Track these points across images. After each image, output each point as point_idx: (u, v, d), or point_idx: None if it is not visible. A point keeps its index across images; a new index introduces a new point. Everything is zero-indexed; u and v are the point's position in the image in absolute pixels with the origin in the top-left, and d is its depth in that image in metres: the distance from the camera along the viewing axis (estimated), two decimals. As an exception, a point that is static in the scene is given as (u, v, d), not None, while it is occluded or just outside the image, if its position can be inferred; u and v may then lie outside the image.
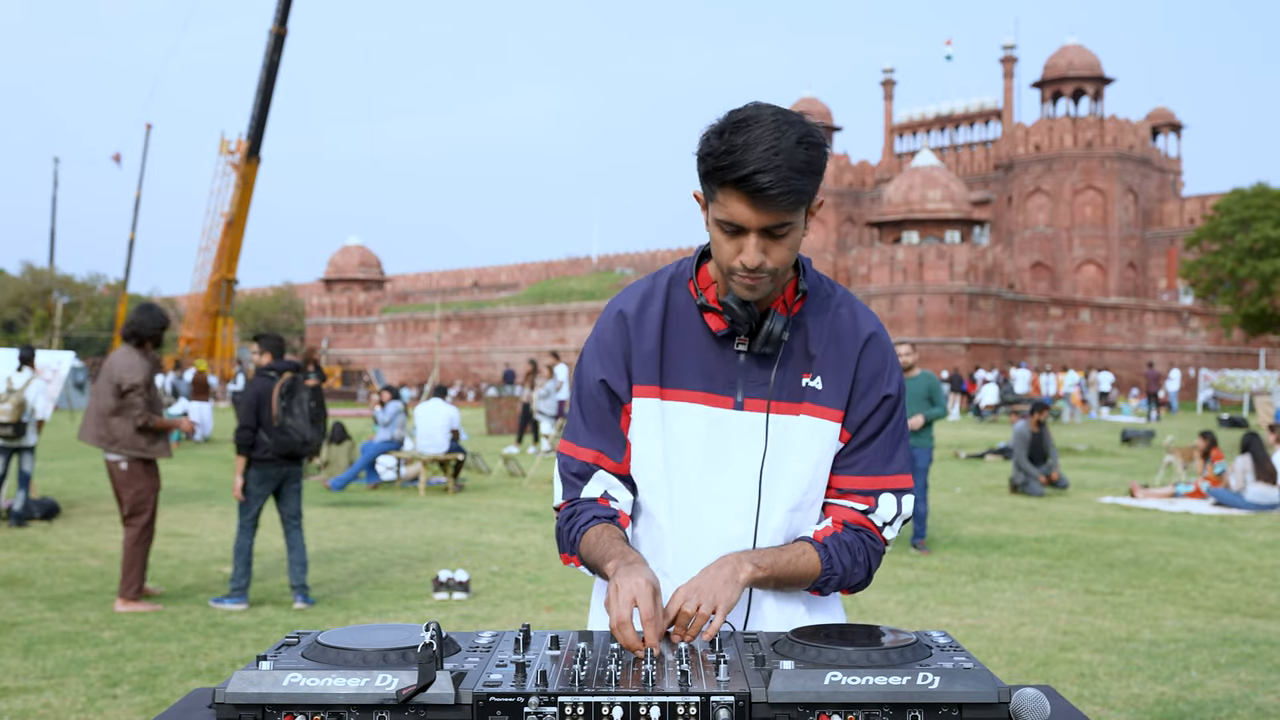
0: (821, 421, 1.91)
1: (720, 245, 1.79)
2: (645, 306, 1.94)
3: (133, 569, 7.44)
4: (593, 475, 1.96)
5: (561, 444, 2.01)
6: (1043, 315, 54.51)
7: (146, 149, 66.21)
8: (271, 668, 1.48)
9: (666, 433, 1.91)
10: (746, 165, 1.69)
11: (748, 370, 1.90)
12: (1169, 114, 73.50)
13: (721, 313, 1.88)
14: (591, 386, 1.95)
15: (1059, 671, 5.89)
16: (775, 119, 1.72)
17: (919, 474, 10.14)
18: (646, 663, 1.52)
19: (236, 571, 7.52)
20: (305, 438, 7.61)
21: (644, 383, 1.91)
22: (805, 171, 1.72)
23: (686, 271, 1.96)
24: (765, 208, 1.71)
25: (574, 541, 1.93)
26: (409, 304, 75.03)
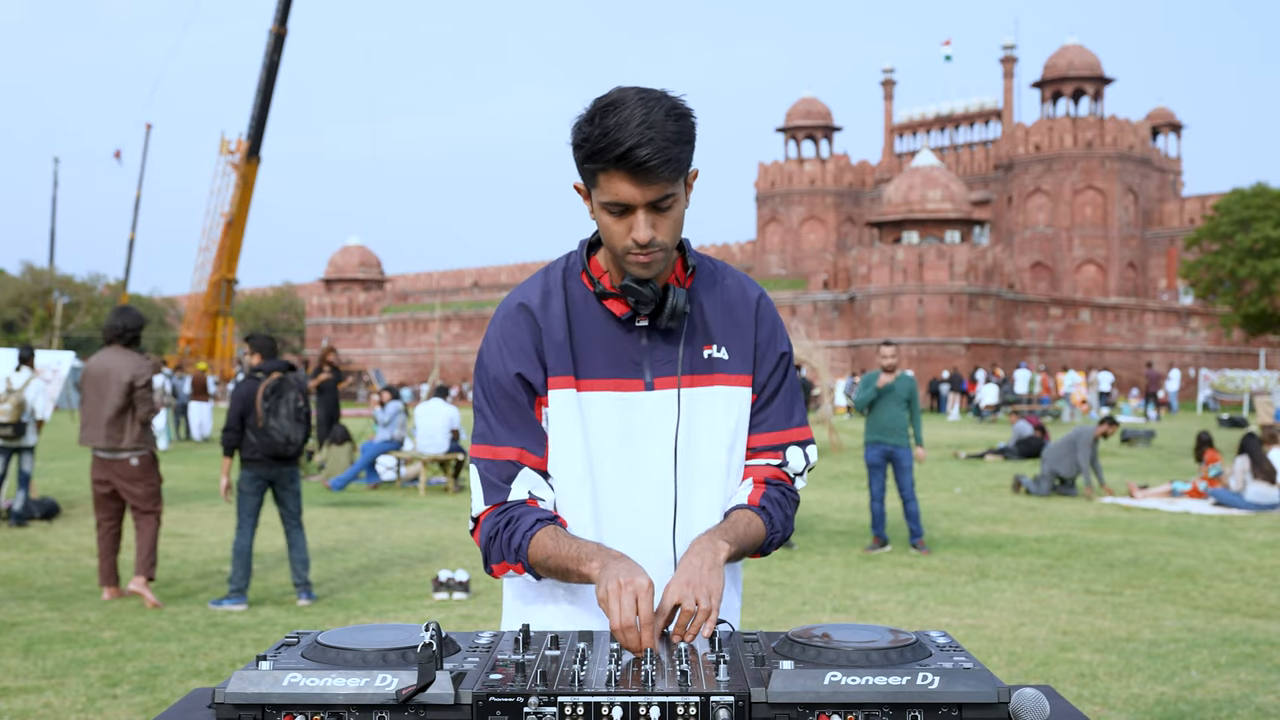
0: (734, 389, 1.97)
1: (609, 229, 1.83)
2: (547, 300, 1.94)
3: (153, 551, 7.63)
4: (517, 475, 1.91)
5: (474, 449, 1.96)
6: (1043, 315, 54.50)
7: (146, 149, 66.29)
8: (271, 668, 1.48)
9: (585, 423, 1.91)
10: (623, 143, 1.74)
11: (652, 350, 1.93)
12: (1169, 114, 73.46)
13: (622, 297, 1.91)
14: (505, 382, 1.92)
15: (1059, 671, 5.89)
16: (640, 97, 1.77)
17: (904, 473, 10.15)
18: (646, 663, 1.52)
19: (235, 573, 7.54)
20: (288, 438, 7.60)
21: (559, 373, 1.91)
22: (678, 140, 1.77)
23: (576, 264, 1.98)
24: (648, 181, 1.76)
25: (519, 547, 1.86)
26: (409, 304, 75.01)
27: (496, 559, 1.92)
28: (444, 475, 15.52)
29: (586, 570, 1.78)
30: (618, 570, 1.71)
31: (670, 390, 1.93)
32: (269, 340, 8.04)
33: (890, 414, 10.14)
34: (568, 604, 1.97)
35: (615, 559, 1.76)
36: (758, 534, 1.95)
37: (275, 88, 50.43)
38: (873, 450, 10.27)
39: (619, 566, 1.73)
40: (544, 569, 1.87)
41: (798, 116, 72.63)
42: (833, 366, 35.12)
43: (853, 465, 18.87)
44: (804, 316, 52.15)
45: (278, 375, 7.73)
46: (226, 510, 12.60)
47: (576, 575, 1.81)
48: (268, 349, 7.92)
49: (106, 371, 7.63)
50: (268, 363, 7.82)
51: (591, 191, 1.84)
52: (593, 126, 1.77)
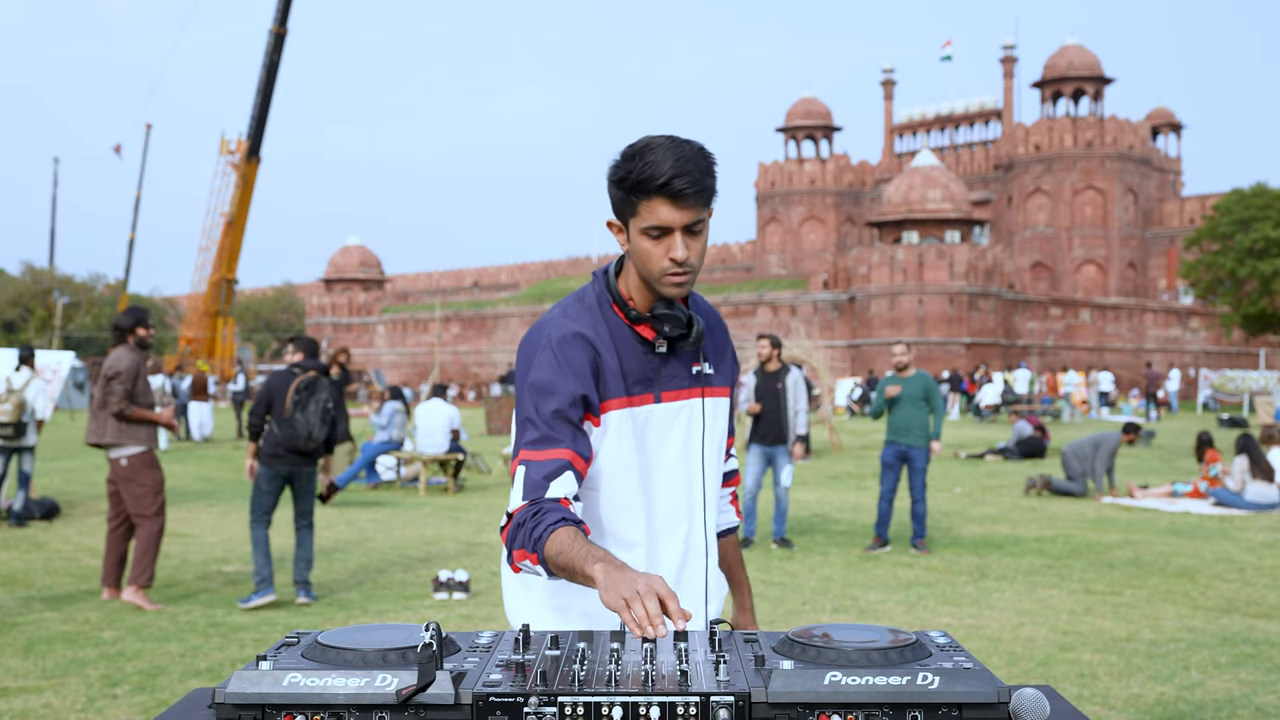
0: (722, 400, 2.31)
1: (649, 252, 2.07)
2: (597, 329, 2.15)
3: (146, 555, 7.53)
4: (560, 476, 2.02)
5: (524, 453, 2.06)
6: (1043, 315, 54.51)
7: (146, 149, 66.27)
8: (271, 668, 1.48)
9: (638, 439, 2.15)
10: (665, 173, 2.01)
11: (662, 367, 2.19)
12: (1169, 114, 73.46)
13: (648, 322, 2.16)
14: (564, 401, 2.07)
15: (1059, 671, 5.89)
16: (672, 139, 2.06)
17: (918, 474, 10.15)
18: (646, 662, 1.52)
19: (257, 564, 7.55)
20: (311, 434, 7.60)
21: (615, 395, 2.13)
22: (708, 173, 2.05)
23: (604, 295, 2.20)
24: (685, 205, 2.02)
25: (539, 539, 1.94)
26: (409, 304, 75.01)
27: (518, 546, 1.99)
28: (444, 475, 15.51)
29: (589, 572, 1.81)
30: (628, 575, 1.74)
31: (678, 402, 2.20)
32: (313, 342, 8.10)
33: (906, 414, 10.16)
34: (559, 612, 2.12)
35: (619, 568, 1.79)
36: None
37: (275, 88, 50.45)
38: (888, 449, 10.28)
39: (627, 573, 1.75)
40: (555, 565, 1.91)
41: (798, 116, 72.62)
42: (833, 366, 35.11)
43: (853, 465, 18.88)
44: (804, 316, 52.15)
45: (314, 374, 7.77)
46: (227, 510, 12.60)
47: (581, 576, 1.85)
48: (310, 349, 7.99)
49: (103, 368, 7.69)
50: (306, 361, 7.86)
51: (629, 221, 2.08)
52: (633, 164, 2.03)
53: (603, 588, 1.74)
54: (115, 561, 7.76)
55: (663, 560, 2.19)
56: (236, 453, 21.32)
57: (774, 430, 10.32)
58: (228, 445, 23.49)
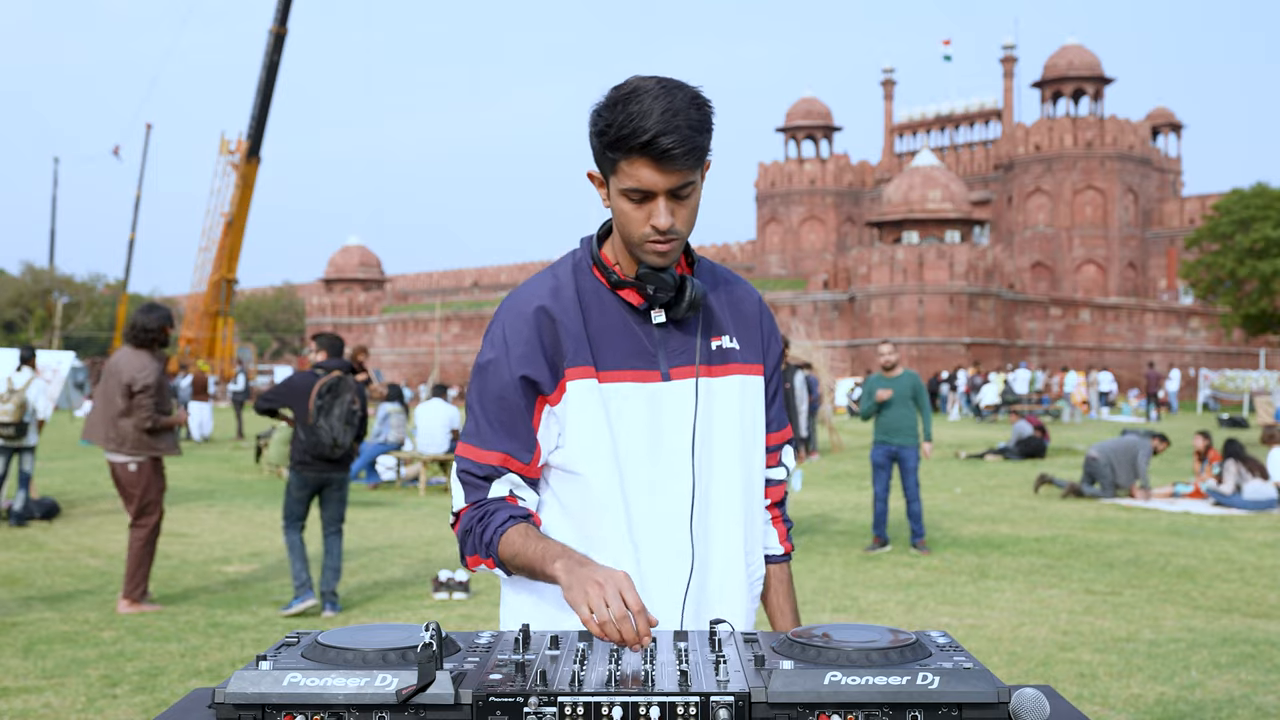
0: (751, 378, 2.01)
1: (628, 216, 1.83)
2: (558, 296, 1.92)
3: (139, 570, 7.41)
4: (498, 477, 1.91)
5: (460, 448, 1.94)
6: (1043, 315, 54.52)
7: (146, 149, 66.28)
8: (271, 668, 1.48)
9: (609, 413, 1.90)
10: (648, 130, 1.74)
11: (666, 340, 1.93)
12: (1169, 114, 73.47)
13: (636, 287, 1.90)
14: (503, 384, 1.89)
15: (1059, 671, 5.89)
16: (662, 86, 1.78)
17: (909, 474, 10.14)
18: (646, 662, 1.52)
19: (295, 569, 7.38)
20: (336, 440, 7.35)
21: (578, 364, 1.89)
22: (700, 129, 1.78)
23: (585, 258, 1.97)
24: (670, 168, 1.76)
25: (490, 543, 1.86)
26: (409, 304, 75.02)
27: (470, 552, 1.92)
28: (444, 475, 15.51)
29: (550, 571, 1.76)
30: (590, 572, 1.68)
31: (687, 380, 1.93)
32: (336, 339, 7.79)
33: (895, 414, 10.14)
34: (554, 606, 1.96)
35: (580, 563, 1.73)
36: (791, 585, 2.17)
37: (275, 88, 50.43)
38: (878, 450, 10.27)
39: (588, 569, 1.69)
40: (513, 566, 1.86)
41: (798, 116, 72.63)
42: (833, 366, 35.12)
43: (853, 465, 18.87)
44: (804, 316, 52.16)
45: (336, 374, 7.47)
46: (227, 510, 12.60)
47: (542, 575, 1.80)
48: (334, 347, 7.69)
49: (112, 370, 7.51)
50: (330, 360, 7.58)
51: (609, 179, 1.84)
52: (615, 113, 1.77)
53: (565, 586, 1.69)
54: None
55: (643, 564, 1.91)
56: (237, 453, 21.32)
57: None
58: (228, 445, 23.49)
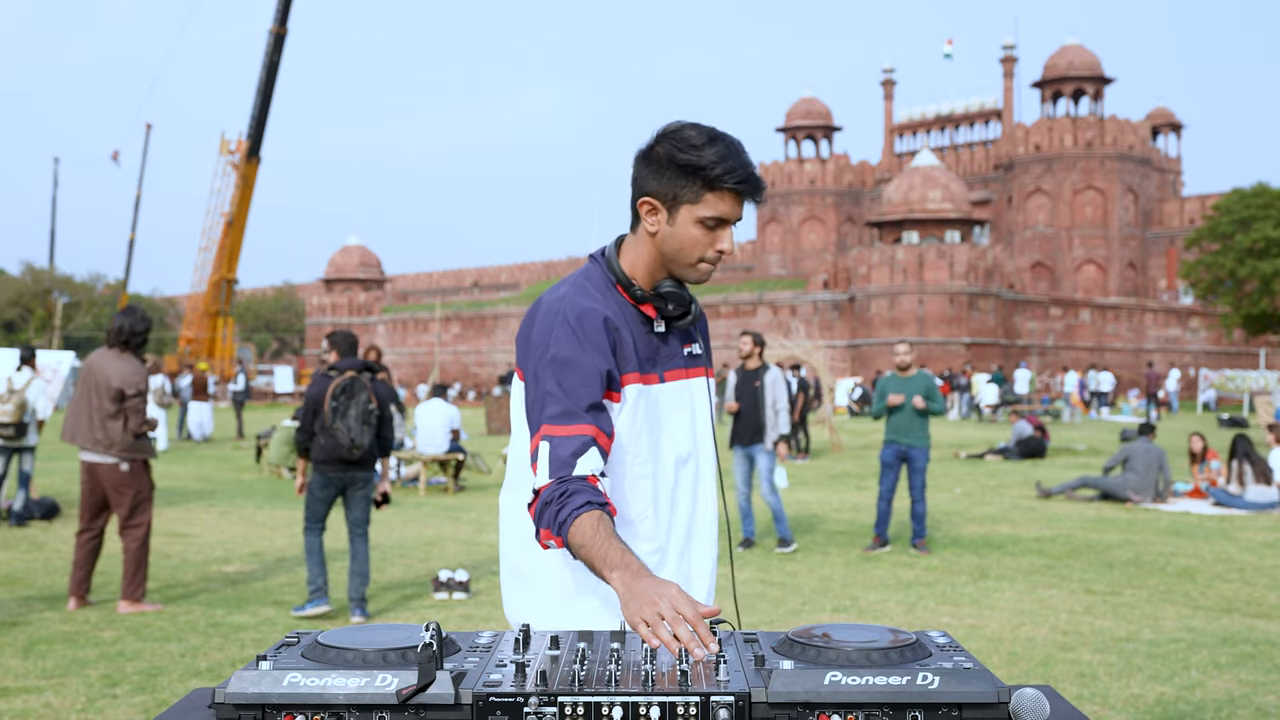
0: (710, 380, 2.31)
1: (695, 240, 2.07)
2: (608, 306, 2.13)
3: (138, 571, 7.36)
4: (585, 452, 1.97)
5: (548, 428, 1.99)
6: (1043, 315, 54.51)
7: (146, 149, 66.33)
8: (271, 668, 1.48)
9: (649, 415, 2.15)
10: (745, 169, 2.03)
11: (661, 347, 2.19)
12: (1169, 114, 73.45)
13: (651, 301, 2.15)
14: (591, 373, 2.04)
15: (1059, 671, 5.89)
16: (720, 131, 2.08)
17: (917, 474, 10.14)
18: (646, 662, 1.52)
19: (311, 573, 7.30)
20: (354, 440, 7.23)
21: (631, 370, 2.12)
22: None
23: (608, 275, 2.18)
24: (749, 203, 2.07)
25: (564, 523, 1.90)
26: (409, 304, 75.00)
27: (544, 525, 1.96)
28: (444, 475, 15.51)
29: (608, 577, 1.80)
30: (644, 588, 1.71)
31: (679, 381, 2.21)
32: (349, 337, 7.65)
33: (906, 415, 10.14)
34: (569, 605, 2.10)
35: (636, 576, 1.76)
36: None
37: (275, 88, 50.45)
38: (887, 449, 10.26)
39: (643, 584, 1.73)
40: (578, 554, 1.90)
41: (798, 116, 72.62)
42: (833, 366, 35.11)
43: (853, 465, 18.87)
44: (804, 316, 52.15)
45: (350, 374, 7.35)
46: (227, 510, 12.60)
47: (600, 576, 1.85)
48: (346, 347, 7.55)
49: (96, 372, 7.32)
50: (343, 361, 7.46)
51: (683, 206, 2.06)
52: (708, 152, 2.02)
53: (624, 602, 1.73)
54: (88, 573, 7.44)
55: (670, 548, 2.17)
56: (237, 453, 21.32)
57: (750, 429, 10.11)
58: (228, 445, 23.49)
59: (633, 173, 2.12)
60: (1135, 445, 14.09)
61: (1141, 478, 13.71)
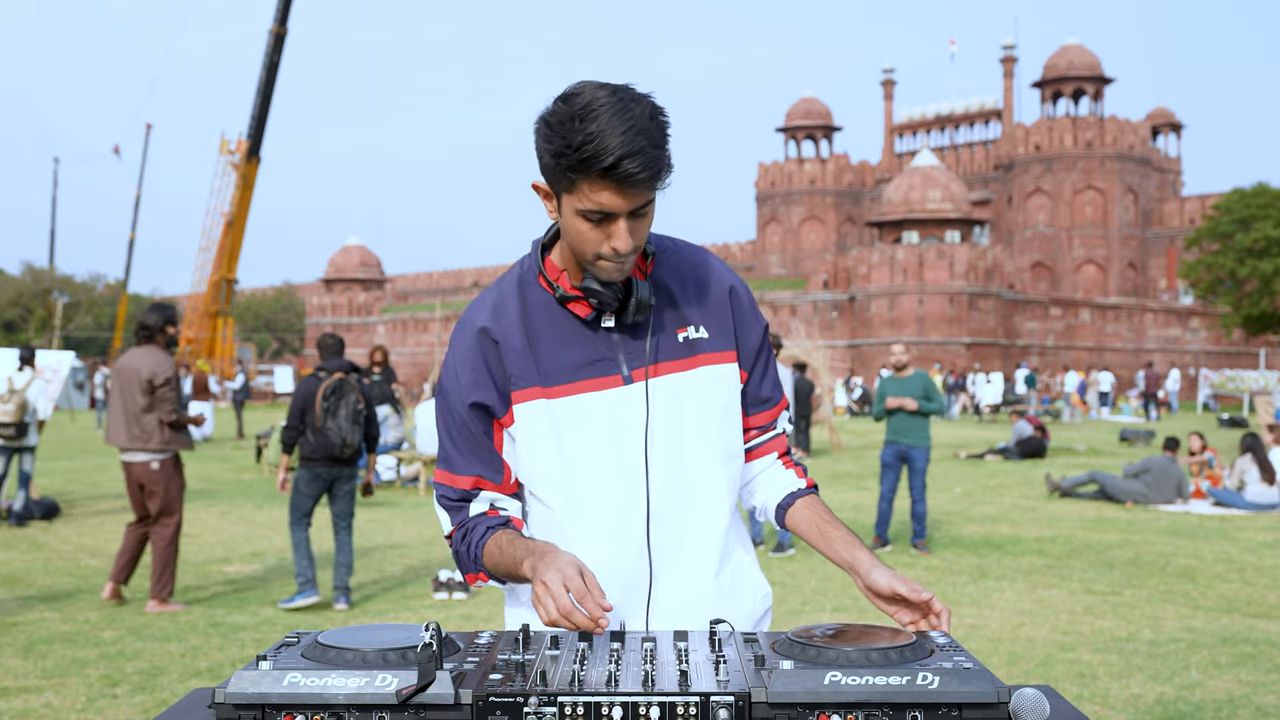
0: (720, 367, 1.93)
1: (584, 236, 1.76)
2: (500, 314, 1.90)
3: (166, 570, 7.42)
4: (475, 498, 1.94)
5: (436, 474, 1.98)
6: (1043, 315, 54.52)
7: (146, 149, 66.33)
8: (271, 668, 1.48)
9: (559, 430, 1.87)
10: (611, 152, 1.65)
11: (625, 344, 1.88)
12: (1169, 114, 73.50)
13: (585, 298, 1.85)
14: (461, 411, 1.90)
15: (1059, 671, 5.89)
16: (618, 99, 1.69)
17: (917, 474, 10.14)
18: (646, 662, 1.52)
19: (299, 565, 7.48)
20: (345, 439, 7.50)
21: (524, 386, 1.87)
22: (662, 145, 1.70)
23: (531, 269, 1.92)
24: (634, 190, 1.69)
25: (476, 559, 1.91)
26: (409, 304, 75.03)
27: (466, 571, 1.96)
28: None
29: (523, 574, 1.80)
30: (546, 564, 1.72)
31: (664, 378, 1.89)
32: (336, 340, 7.90)
33: (905, 415, 10.15)
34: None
35: (543, 554, 1.76)
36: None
37: (275, 88, 50.43)
38: (887, 449, 10.27)
39: (547, 559, 1.73)
40: (498, 575, 1.91)
41: (798, 116, 72.64)
42: (833, 366, 35.12)
43: (853, 465, 18.88)
44: (804, 316, 52.17)
45: (339, 376, 7.61)
46: (227, 510, 12.60)
47: (521, 580, 1.83)
48: (332, 349, 7.81)
49: (126, 370, 7.49)
50: (330, 362, 7.69)
51: (563, 196, 1.75)
52: (572, 133, 1.67)
53: (532, 581, 1.74)
54: (129, 561, 7.58)
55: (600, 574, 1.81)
56: (237, 453, 21.31)
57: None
58: (228, 445, 23.49)
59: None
60: (1157, 460, 14.03)
61: (1152, 491, 13.67)
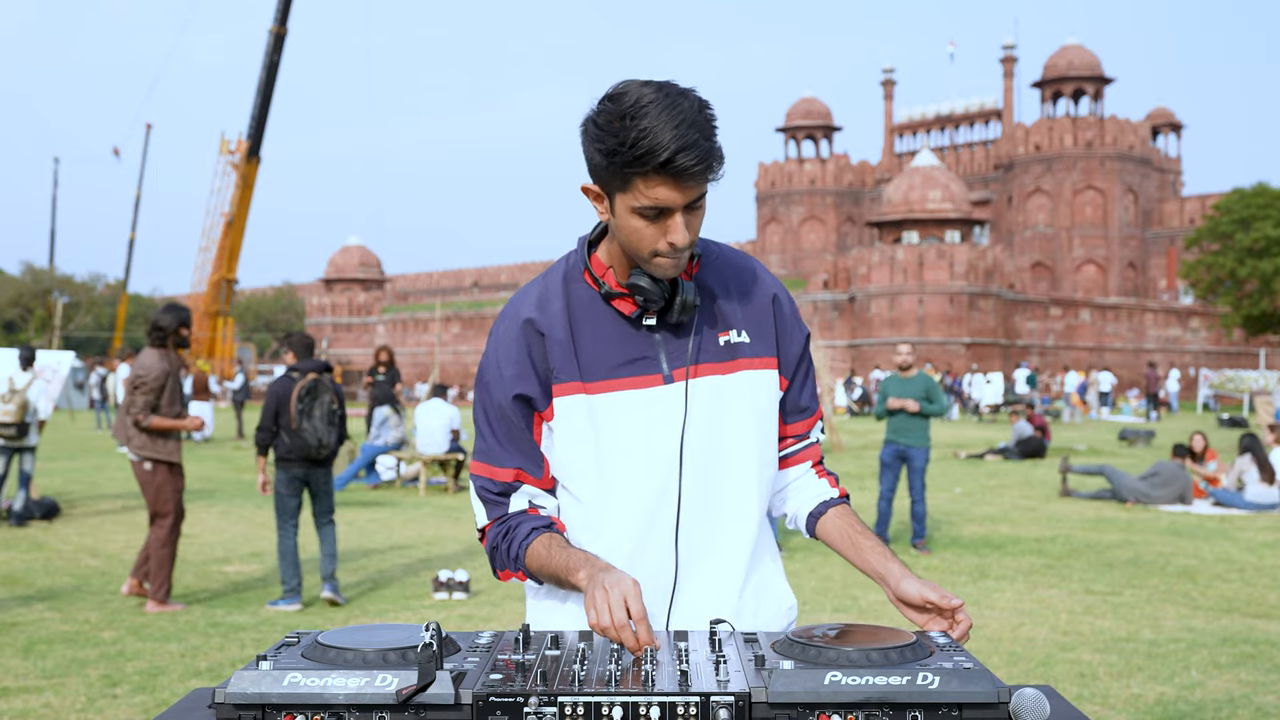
0: (761, 373, 1.94)
1: (639, 232, 1.77)
2: (545, 307, 1.90)
3: (160, 571, 7.40)
4: (514, 491, 1.93)
5: (474, 465, 1.96)
6: (1043, 315, 54.52)
7: (146, 149, 66.39)
8: (271, 668, 1.48)
9: (596, 426, 1.87)
10: (665, 147, 1.67)
11: (667, 344, 1.89)
12: (1169, 114, 73.52)
13: (629, 295, 1.87)
14: (503, 403, 1.90)
15: (1059, 671, 5.89)
16: (665, 94, 1.71)
17: (916, 474, 10.14)
18: (646, 662, 1.52)
19: (285, 573, 7.47)
20: (321, 440, 7.48)
21: (565, 379, 1.88)
22: (713, 137, 1.73)
23: (578, 265, 1.93)
24: (690, 184, 1.71)
25: (517, 557, 1.90)
26: (409, 304, 75.03)
27: (500, 568, 1.95)
28: (444, 475, 15.51)
29: (575, 581, 1.80)
30: (609, 577, 1.71)
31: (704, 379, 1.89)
32: (306, 339, 7.85)
33: (905, 415, 10.16)
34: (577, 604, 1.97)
35: (602, 569, 1.77)
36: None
37: (275, 88, 50.44)
38: (886, 449, 10.28)
39: (610, 574, 1.73)
40: (541, 576, 1.91)
41: (798, 116, 72.65)
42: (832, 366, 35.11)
43: (853, 465, 18.87)
44: (804, 316, 52.15)
45: (313, 376, 7.56)
46: (227, 510, 12.60)
47: (569, 585, 1.84)
48: (303, 348, 7.74)
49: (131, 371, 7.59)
50: (303, 362, 7.64)
51: (617, 195, 1.77)
52: (624, 131, 1.69)
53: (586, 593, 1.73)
54: (147, 557, 7.55)
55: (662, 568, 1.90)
56: (237, 453, 21.31)
57: None
58: (228, 445, 23.48)
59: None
60: (1168, 465, 14.03)
61: (1156, 492, 13.67)
